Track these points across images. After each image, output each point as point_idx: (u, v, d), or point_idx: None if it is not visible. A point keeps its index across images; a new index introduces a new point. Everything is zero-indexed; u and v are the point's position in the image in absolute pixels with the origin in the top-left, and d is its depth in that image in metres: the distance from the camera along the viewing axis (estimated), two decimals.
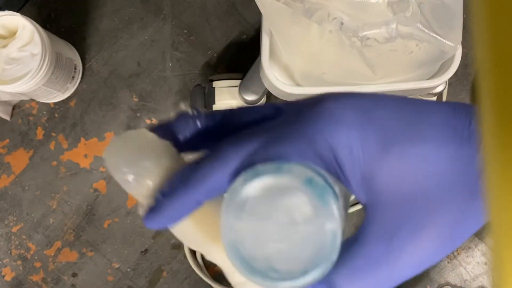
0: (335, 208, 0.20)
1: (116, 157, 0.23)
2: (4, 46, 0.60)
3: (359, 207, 0.64)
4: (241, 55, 0.71)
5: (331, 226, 0.20)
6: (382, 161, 0.21)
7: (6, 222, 0.69)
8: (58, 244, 0.69)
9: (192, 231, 0.24)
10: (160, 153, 0.23)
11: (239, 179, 0.20)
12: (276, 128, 0.22)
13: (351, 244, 0.22)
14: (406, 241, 0.21)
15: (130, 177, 0.23)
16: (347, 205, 0.23)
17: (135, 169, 0.23)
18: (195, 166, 0.22)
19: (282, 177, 0.20)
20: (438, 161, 0.20)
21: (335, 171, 0.21)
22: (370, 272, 0.21)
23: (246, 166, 0.21)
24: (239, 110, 0.24)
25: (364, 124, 0.21)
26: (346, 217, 0.22)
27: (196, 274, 0.68)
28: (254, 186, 0.20)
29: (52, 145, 0.70)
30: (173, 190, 0.22)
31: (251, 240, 0.20)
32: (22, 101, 0.70)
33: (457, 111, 0.21)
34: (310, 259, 0.20)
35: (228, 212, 0.20)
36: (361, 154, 0.21)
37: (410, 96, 0.23)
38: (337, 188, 0.21)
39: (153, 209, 0.22)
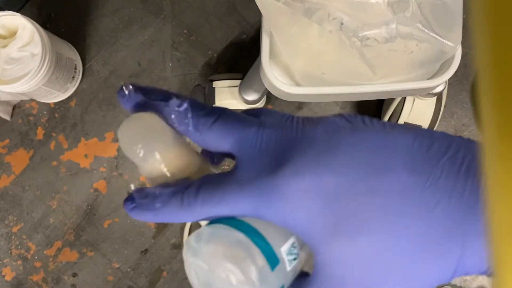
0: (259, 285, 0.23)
1: (132, 134, 0.25)
2: (4, 46, 0.60)
3: None
4: (241, 55, 0.71)
5: None
6: (324, 244, 0.22)
7: (6, 222, 0.69)
8: (58, 244, 0.69)
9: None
10: (169, 136, 0.25)
11: (193, 236, 0.24)
12: (237, 193, 0.23)
13: None
14: None
15: (142, 153, 0.25)
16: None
17: (148, 147, 0.24)
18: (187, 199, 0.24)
19: (234, 248, 0.23)
20: (379, 253, 0.21)
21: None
22: None
23: (213, 220, 0.24)
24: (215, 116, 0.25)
25: (314, 208, 0.22)
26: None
27: None
28: (201, 246, 0.23)
29: (52, 145, 0.70)
30: (148, 209, 0.24)
31: (195, 274, 0.24)
32: (22, 101, 0.70)
33: (424, 192, 0.21)
34: None
35: (186, 249, 0.24)
36: (307, 234, 0.22)
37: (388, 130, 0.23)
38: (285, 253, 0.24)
39: (131, 210, 0.25)
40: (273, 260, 0.23)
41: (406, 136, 0.22)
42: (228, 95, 0.63)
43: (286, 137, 0.23)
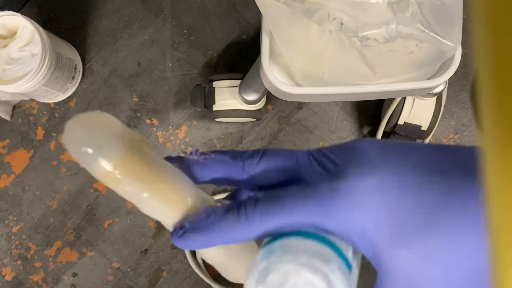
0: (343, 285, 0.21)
1: (79, 135, 0.23)
2: (4, 46, 0.60)
3: None
4: (241, 55, 0.71)
5: None
6: (393, 247, 0.21)
7: (6, 222, 0.69)
8: (58, 244, 0.69)
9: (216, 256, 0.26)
10: (121, 135, 0.24)
11: (261, 254, 0.22)
12: (298, 201, 0.22)
13: None
14: None
15: (91, 157, 0.23)
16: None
17: (97, 149, 0.23)
18: (224, 218, 0.23)
19: (300, 255, 0.21)
20: (449, 251, 0.20)
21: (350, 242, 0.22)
22: None
23: (270, 236, 0.23)
24: (264, 154, 0.25)
25: (381, 212, 0.21)
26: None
27: (196, 274, 0.68)
28: (275, 260, 0.21)
29: (52, 145, 0.70)
30: (199, 229, 0.23)
31: None
32: (22, 101, 0.70)
33: (479, 188, 0.20)
34: None
35: (251, 278, 0.22)
36: (374, 238, 0.21)
37: (440, 150, 0.23)
38: (350, 257, 0.22)
39: (181, 236, 0.24)
40: (348, 265, 0.22)
41: (445, 147, 0.23)
42: (228, 95, 0.63)
43: (339, 149, 0.23)
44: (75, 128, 0.23)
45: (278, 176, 0.24)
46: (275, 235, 0.22)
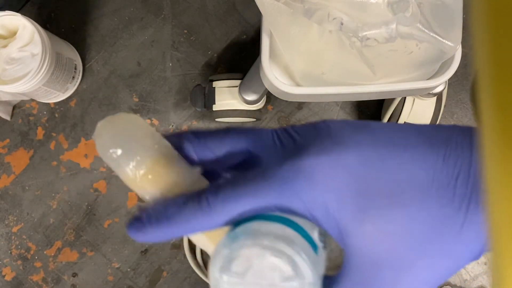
0: (310, 270, 0.21)
1: (109, 136, 0.23)
2: (5, 46, 0.60)
3: None
4: (241, 55, 0.71)
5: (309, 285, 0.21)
6: (357, 224, 0.21)
7: (7, 222, 0.69)
8: (59, 244, 0.69)
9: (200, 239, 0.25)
10: (150, 138, 0.23)
11: (223, 241, 0.21)
12: (260, 184, 0.22)
13: None
14: None
15: (119, 158, 0.23)
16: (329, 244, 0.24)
17: (125, 150, 0.23)
18: (188, 205, 0.22)
19: (263, 239, 0.21)
20: (414, 224, 0.20)
21: (314, 223, 0.22)
22: None
23: (235, 221, 0.22)
24: (231, 135, 0.24)
25: (343, 188, 0.21)
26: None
27: (196, 274, 0.68)
28: (237, 246, 0.21)
29: (52, 145, 0.70)
30: (159, 221, 0.22)
31: None
32: (22, 101, 0.70)
33: (446, 161, 0.21)
34: None
35: (214, 267, 0.21)
36: (336, 214, 0.21)
37: (406, 123, 0.24)
38: (317, 237, 0.22)
39: (138, 229, 0.22)
40: (313, 246, 0.21)
41: (410, 124, 0.23)
42: (228, 95, 0.63)
43: (304, 127, 0.23)
44: (107, 129, 0.23)
45: (244, 156, 0.24)
46: (238, 221, 0.22)
